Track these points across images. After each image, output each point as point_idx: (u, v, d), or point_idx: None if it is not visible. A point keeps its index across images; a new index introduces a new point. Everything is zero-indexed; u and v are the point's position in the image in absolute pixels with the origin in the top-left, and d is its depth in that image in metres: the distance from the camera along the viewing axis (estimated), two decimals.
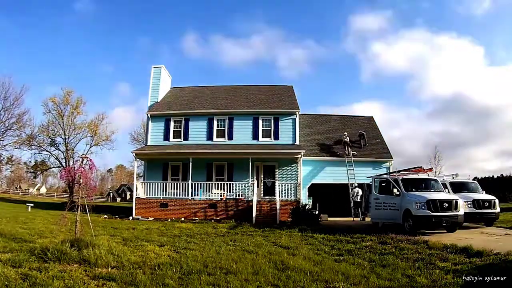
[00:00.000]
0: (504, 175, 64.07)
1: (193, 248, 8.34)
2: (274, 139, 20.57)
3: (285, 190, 18.17)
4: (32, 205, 22.94)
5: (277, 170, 20.49)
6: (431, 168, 18.87)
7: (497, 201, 13.85)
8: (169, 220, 16.51)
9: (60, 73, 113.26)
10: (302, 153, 18.61)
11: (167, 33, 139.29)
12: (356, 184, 18.86)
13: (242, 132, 20.78)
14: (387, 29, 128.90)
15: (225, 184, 18.77)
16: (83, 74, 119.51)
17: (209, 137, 20.88)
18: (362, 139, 22.26)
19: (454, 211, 11.58)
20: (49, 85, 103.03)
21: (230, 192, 18.66)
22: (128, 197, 70.93)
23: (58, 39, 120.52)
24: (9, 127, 32.09)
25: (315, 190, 20.43)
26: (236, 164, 19.85)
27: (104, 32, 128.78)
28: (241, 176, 19.14)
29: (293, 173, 19.89)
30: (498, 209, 13.68)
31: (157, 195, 18.80)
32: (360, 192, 18.32)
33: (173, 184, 19.40)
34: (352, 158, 20.48)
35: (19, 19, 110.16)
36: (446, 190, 13.65)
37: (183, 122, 21.24)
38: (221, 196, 18.61)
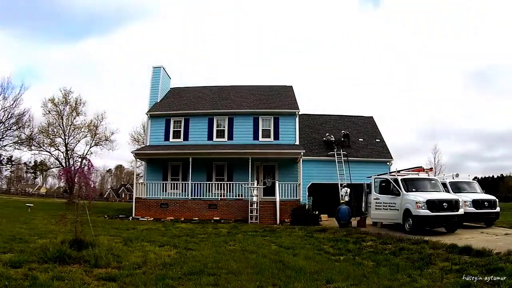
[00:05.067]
0: (504, 174, 64.28)
1: (193, 248, 8.34)
2: (274, 139, 20.58)
3: (285, 190, 18.14)
4: (32, 205, 22.90)
5: (277, 170, 20.50)
6: (431, 168, 18.91)
7: (497, 201, 13.88)
8: (169, 220, 16.50)
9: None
10: (302, 153, 18.61)
11: None
12: (345, 184, 18.45)
13: (242, 132, 20.78)
14: None
15: (225, 184, 18.77)
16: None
17: (209, 137, 20.88)
18: (346, 139, 22.19)
19: (454, 211, 11.61)
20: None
21: (230, 192, 18.65)
22: (128, 197, 70.93)
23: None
24: (8, 128, 32.06)
25: (315, 190, 20.44)
26: (236, 164, 19.85)
27: None
28: (241, 176, 19.13)
29: (293, 173, 19.88)
30: (498, 209, 13.70)
31: (157, 195, 18.80)
32: (349, 191, 17.38)
33: (173, 184, 19.43)
34: (343, 158, 20.50)
35: None
36: (446, 190, 13.66)
37: (183, 122, 21.24)
38: (221, 196, 18.61)
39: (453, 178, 15.24)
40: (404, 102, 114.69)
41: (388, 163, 21.16)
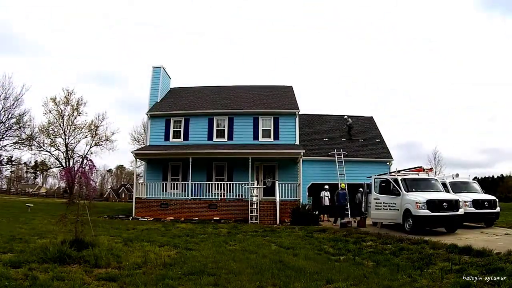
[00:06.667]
0: (504, 175, 64.19)
1: (194, 248, 8.33)
2: (274, 139, 20.57)
3: (285, 190, 18.14)
4: (32, 205, 22.92)
5: (277, 170, 20.49)
6: (431, 168, 18.89)
7: (497, 201, 13.86)
8: (169, 220, 16.50)
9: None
10: (302, 153, 18.60)
11: None
12: (327, 187, 18.08)
13: (242, 132, 20.78)
14: None
15: (225, 184, 18.75)
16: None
17: (209, 137, 20.88)
18: (350, 130, 23.35)
19: (454, 211, 11.60)
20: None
21: (230, 192, 18.64)
22: (128, 197, 70.93)
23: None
24: (9, 127, 32.03)
25: (315, 190, 20.42)
26: (236, 164, 19.84)
27: None
28: (241, 176, 19.13)
29: (293, 173, 19.87)
30: (498, 209, 13.69)
31: (157, 195, 18.80)
32: (328, 195, 17.65)
33: (173, 184, 19.43)
34: (343, 158, 20.60)
35: None
36: (446, 190, 13.65)
37: (183, 122, 21.24)
38: (221, 196, 18.60)
39: (453, 178, 15.22)
40: (403, 103, 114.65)
41: (388, 163, 21.17)
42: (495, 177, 63.39)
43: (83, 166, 7.66)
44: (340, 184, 18.30)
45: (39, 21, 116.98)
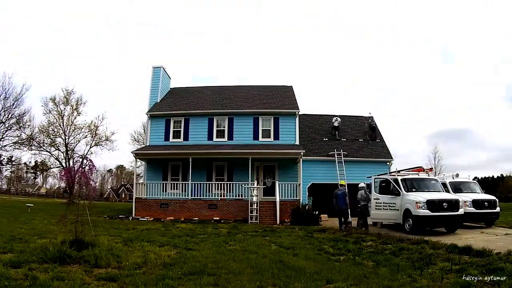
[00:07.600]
0: (504, 175, 64.14)
1: (194, 248, 8.33)
2: (274, 139, 20.58)
3: (285, 190, 18.13)
4: (32, 205, 22.92)
5: (277, 170, 20.49)
6: (431, 168, 18.90)
7: (497, 201, 13.87)
8: (169, 220, 16.50)
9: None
10: (302, 153, 18.60)
11: None
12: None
13: (242, 132, 20.78)
14: None
15: (225, 184, 18.75)
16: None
17: (209, 137, 20.89)
18: (373, 131, 23.34)
19: (454, 211, 11.60)
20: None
21: (230, 192, 18.64)
22: (128, 197, 70.94)
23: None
24: (9, 127, 32.06)
25: (315, 190, 20.42)
26: (236, 164, 19.84)
27: None
28: (241, 176, 19.12)
29: (293, 173, 19.87)
30: (498, 209, 13.69)
31: (157, 195, 18.80)
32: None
33: (173, 184, 19.43)
34: (343, 158, 20.56)
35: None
36: (446, 190, 13.65)
37: (183, 122, 21.24)
38: (221, 196, 18.60)
39: (453, 178, 15.23)
40: (403, 103, 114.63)
41: (388, 163, 21.16)
42: (495, 177, 63.34)
43: (83, 166, 7.66)
44: (340, 181, 16.93)
45: (39, 21, 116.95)
